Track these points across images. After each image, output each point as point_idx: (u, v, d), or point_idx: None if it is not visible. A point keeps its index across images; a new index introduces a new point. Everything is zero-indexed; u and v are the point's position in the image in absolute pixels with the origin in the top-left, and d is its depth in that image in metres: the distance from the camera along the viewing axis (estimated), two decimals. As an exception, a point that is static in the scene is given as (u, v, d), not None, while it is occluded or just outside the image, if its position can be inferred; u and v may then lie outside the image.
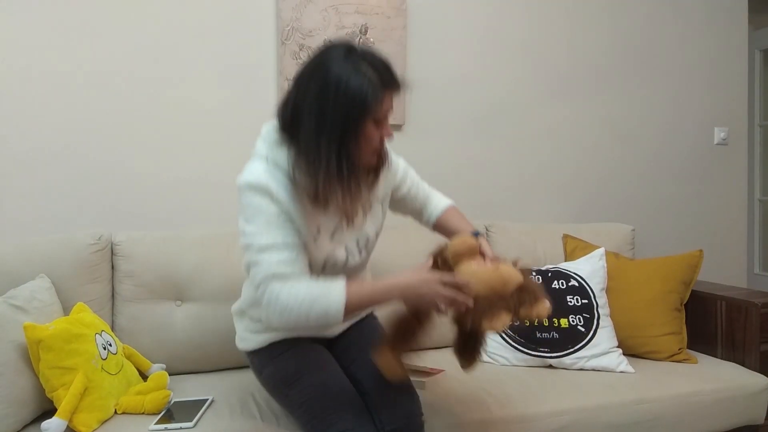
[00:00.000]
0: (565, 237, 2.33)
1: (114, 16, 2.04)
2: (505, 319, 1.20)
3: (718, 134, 2.92)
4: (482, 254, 1.29)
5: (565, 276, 2.06)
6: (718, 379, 1.84)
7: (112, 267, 1.87)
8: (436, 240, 1.41)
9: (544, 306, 1.24)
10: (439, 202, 1.58)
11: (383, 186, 1.44)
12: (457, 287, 1.19)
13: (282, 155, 1.26)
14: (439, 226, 1.56)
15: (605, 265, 2.10)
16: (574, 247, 2.26)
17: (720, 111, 2.94)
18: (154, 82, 2.09)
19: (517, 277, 1.23)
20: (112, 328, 1.83)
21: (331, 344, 1.54)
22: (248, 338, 1.49)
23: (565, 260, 2.28)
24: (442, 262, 1.27)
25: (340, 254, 1.36)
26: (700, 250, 2.11)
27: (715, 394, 1.79)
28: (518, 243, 2.28)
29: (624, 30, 2.74)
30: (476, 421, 1.56)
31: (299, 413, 1.36)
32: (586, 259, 2.13)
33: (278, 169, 1.26)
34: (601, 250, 2.14)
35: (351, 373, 1.46)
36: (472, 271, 1.22)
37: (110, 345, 1.59)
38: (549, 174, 2.64)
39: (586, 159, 2.70)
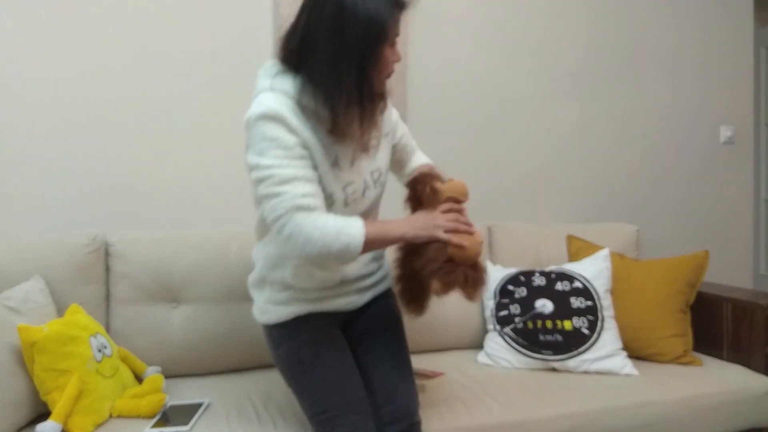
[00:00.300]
0: (569, 237, 2.30)
1: (111, 16, 2.03)
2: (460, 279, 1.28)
3: (724, 133, 2.89)
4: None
5: (569, 277, 2.03)
6: (723, 381, 1.82)
7: (107, 268, 1.85)
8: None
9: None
10: (421, 157, 1.64)
11: (386, 122, 1.43)
12: (465, 222, 1.29)
13: (288, 84, 1.23)
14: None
15: (610, 266, 2.08)
16: (578, 248, 2.24)
17: (726, 109, 2.91)
18: (150, 81, 2.08)
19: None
20: (107, 330, 1.82)
21: (347, 324, 1.52)
22: (270, 311, 1.43)
23: (569, 261, 2.25)
24: (430, 191, 1.33)
25: (359, 184, 1.34)
26: (706, 251, 2.09)
27: (720, 396, 1.77)
28: (522, 243, 2.26)
29: (628, 28, 2.71)
30: (478, 424, 1.54)
31: (307, 401, 1.35)
32: (590, 260, 2.11)
33: (288, 98, 1.22)
34: (606, 251, 2.12)
35: (360, 360, 1.46)
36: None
37: (105, 347, 1.57)
38: (553, 174, 2.62)
39: (590, 159, 2.68)
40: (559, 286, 2.01)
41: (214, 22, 2.14)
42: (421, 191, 1.35)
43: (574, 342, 1.90)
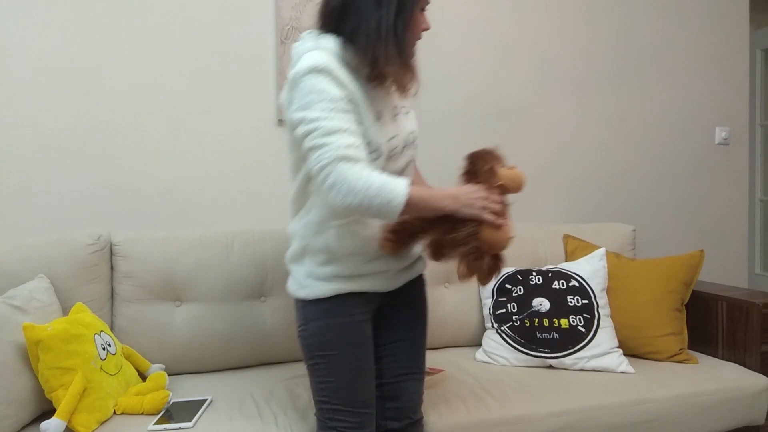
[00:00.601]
0: (566, 237, 2.32)
1: (113, 16, 2.04)
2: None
3: (719, 134, 2.92)
4: None
5: (566, 276, 2.05)
6: (718, 379, 1.84)
7: (111, 267, 1.87)
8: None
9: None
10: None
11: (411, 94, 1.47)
12: (506, 214, 1.27)
13: (331, 42, 1.27)
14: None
15: (606, 265, 2.10)
16: (575, 247, 2.26)
17: (721, 110, 2.93)
18: (152, 82, 2.09)
19: None
20: (111, 329, 1.83)
21: (380, 311, 1.47)
22: (309, 285, 1.37)
23: (566, 260, 2.27)
24: (488, 170, 1.30)
25: (401, 139, 1.36)
26: (701, 251, 2.11)
27: (715, 394, 1.79)
28: (519, 243, 2.28)
29: (625, 29, 2.73)
30: (475, 421, 1.56)
31: (318, 384, 1.35)
32: (586, 260, 2.13)
33: (333, 54, 1.26)
34: (602, 251, 2.14)
35: (377, 349, 1.46)
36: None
37: (109, 345, 1.59)
38: (550, 174, 2.64)
39: (586, 159, 2.70)
40: (556, 284, 2.03)
41: (217, 25, 2.15)
42: (480, 167, 1.31)
43: (571, 340, 1.92)
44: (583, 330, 1.94)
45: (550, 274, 2.06)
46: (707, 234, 2.92)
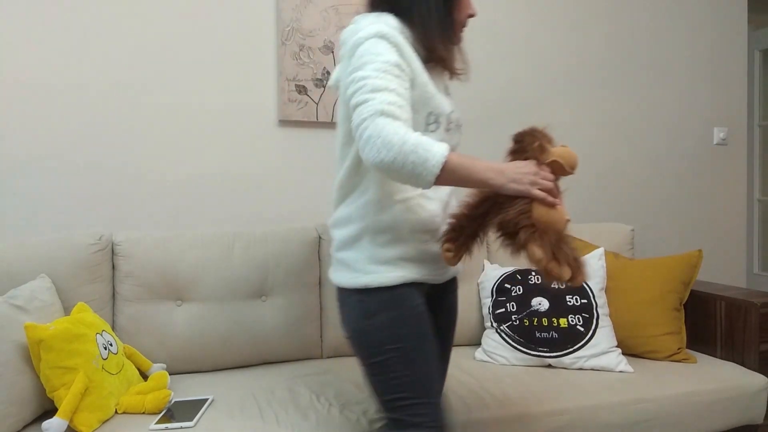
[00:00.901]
0: (565, 237, 2.33)
1: (114, 17, 2.05)
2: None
3: (718, 134, 2.93)
4: None
5: (565, 276, 2.06)
6: (717, 378, 1.85)
7: (113, 267, 1.87)
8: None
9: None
10: None
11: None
12: (556, 185, 1.17)
13: (391, 19, 1.24)
14: None
15: (605, 264, 2.11)
16: (574, 247, 2.26)
17: (719, 111, 2.94)
18: (154, 82, 2.10)
19: None
20: (113, 328, 1.84)
21: (430, 303, 1.43)
22: (374, 271, 1.26)
23: (565, 260, 2.28)
24: (538, 147, 1.19)
25: (456, 115, 1.35)
26: (700, 250, 2.12)
27: (714, 393, 1.79)
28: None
29: (623, 29, 2.74)
30: (475, 420, 1.57)
31: (389, 382, 1.25)
32: (585, 259, 2.14)
33: (395, 28, 1.22)
34: (601, 250, 2.15)
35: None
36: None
37: (111, 345, 1.59)
38: (548, 174, 2.64)
39: (585, 159, 2.71)
40: (555, 284, 2.04)
41: (219, 27, 2.16)
42: (529, 144, 1.21)
43: (570, 339, 1.93)
44: (582, 329, 1.94)
45: (549, 274, 2.07)
46: (706, 234, 2.93)
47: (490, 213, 1.19)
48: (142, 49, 2.08)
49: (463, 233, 1.23)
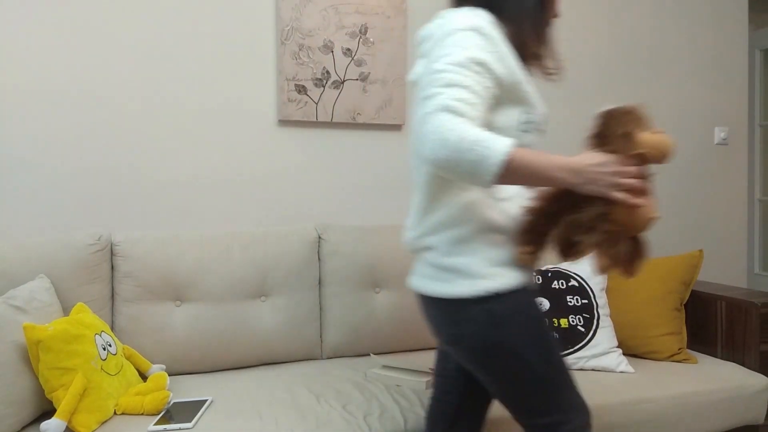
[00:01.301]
0: (565, 237, 2.32)
1: (113, 15, 2.04)
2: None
3: (719, 134, 2.92)
4: None
5: (565, 276, 2.06)
6: (718, 379, 1.85)
7: (112, 267, 1.87)
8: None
9: None
10: None
11: None
12: (645, 189, 1.05)
13: (486, 14, 1.14)
14: None
15: (605, 265, 2.10)
16: (574, 247, 2.26)
17: (720, 111, 2.94)
18: (153, 82, 2.09)
19: None
20: (112, 329, 1.84)
21: None
22: (499, 274, 1.12)
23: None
24: (622, 135, 1.05)
25: (545, 117, 1.31)
26: (700, 250, 2.11)
27: (714, 394, 1.79)
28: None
29: (624, 30, 2.74)
30: (476, 421, 1.56)
31: (538, 396, 1.15)
32: (586, 259, 2.13)
33: (487, 22, 1.13)
34: (601, 250, 2.14)
35: None
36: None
37: (110, 345, 1.59)
38: (549, 174, 2.64)
39: (586, 159, 2.70)
40: (556, 284, 2.03)
41: (218, 26, 2.16)
42: (613, 130, 1.07)
43: (570, 339, 1.92)
44: (582, 330, 1.94)
45: (549, 274, 2.07)
46: (706, 234, 2.92)
47: (566, 210, 1.08)
48: (142, 49, 2.08)
49: (539, 231, 1.12)
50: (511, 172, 1.00)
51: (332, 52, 2.25)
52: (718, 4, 2.90)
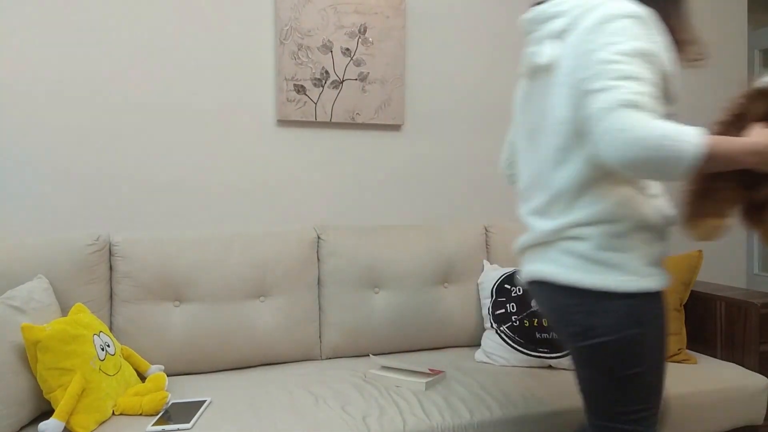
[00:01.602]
0: (565, 237, 2.32)
1: (111, 16, 2.04)
2: None
3: (718, 134, 2.92)
4: None
5: (565, 276, 2.05)
6: (717, 379, 1.85)
7: (110, 267, 1.86)
8: (434, 242, 1.40)
9: None
10: None
11: None
12: None
13: (634, 1, 1.11)
14: None
15: (605, 265, 2.10)
16: (574, 248, 2.26)
17: (719, 110, 2.93)
18: (152, 83, 2.09)
19: None
20: (111, 329, 1.83)
21: None
22: (651, 273, 1.12)
23: (565, 260, 2.27)
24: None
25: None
26: (700, 251, 2.11)
27: (714, 394, 1.79)
28: (517, 243, 2.28)
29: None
30: (477, 421, 1.56)
31: (638, 393, 1.15)
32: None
33: (642, 9, 1.10)
34: (601, 251, 2.14)
35: None
36: None
37: (108, 346, 1.58)
38: (548, 174, 2.64)
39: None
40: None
41: (217, 26, 2.15)
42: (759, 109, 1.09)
43: (570, 340, 1.92)
44: (582, 330, 1.94)
45: (549, 275, 2.06)
46: (706, 234, 2.92)
47: (741, 184, 1.10)
48: (140, 49, 2.07)
49: (713, 201, 1.14)
50: (710, 157, 0.99)
51: (331, 52, 2.25)
52: (717, 4, 2.90)
